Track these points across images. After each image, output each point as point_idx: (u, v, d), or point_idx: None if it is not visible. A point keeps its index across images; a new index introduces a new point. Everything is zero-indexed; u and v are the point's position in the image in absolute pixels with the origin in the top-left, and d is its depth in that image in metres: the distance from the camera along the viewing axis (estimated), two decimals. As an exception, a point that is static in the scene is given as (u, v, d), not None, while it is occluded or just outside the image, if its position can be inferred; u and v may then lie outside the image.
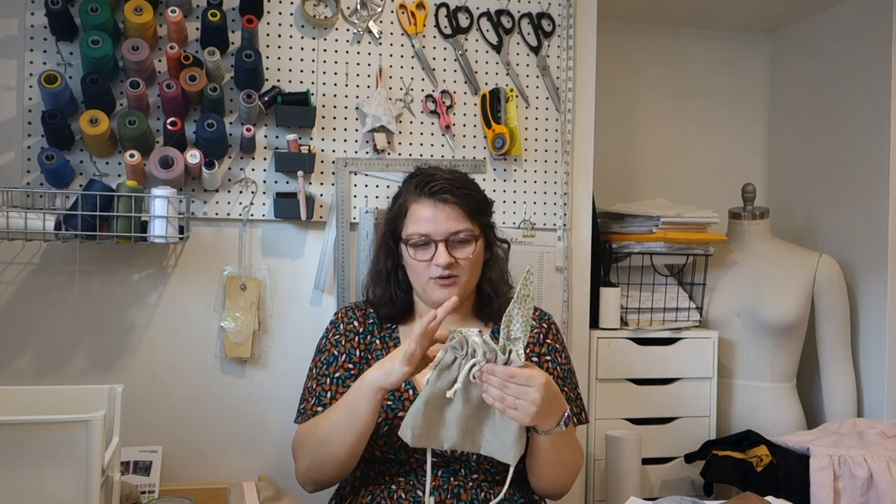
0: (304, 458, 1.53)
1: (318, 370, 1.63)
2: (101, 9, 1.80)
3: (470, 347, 1.32)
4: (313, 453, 1.50)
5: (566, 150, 2.20)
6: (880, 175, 2.40)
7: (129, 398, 1.51)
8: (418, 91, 2.11)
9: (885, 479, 1.94)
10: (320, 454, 1.49)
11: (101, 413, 1.14)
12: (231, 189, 1.99)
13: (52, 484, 1.12)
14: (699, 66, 2.92)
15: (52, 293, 1.91)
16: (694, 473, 2.31)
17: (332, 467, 1.50)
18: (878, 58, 2.43)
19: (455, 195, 1.58)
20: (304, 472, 1.55)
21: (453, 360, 1.33)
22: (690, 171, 2.90)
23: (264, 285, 2.02)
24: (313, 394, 1.60)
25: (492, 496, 1.52)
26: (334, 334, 1.66)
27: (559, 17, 2.20)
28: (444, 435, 1.34)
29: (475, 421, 1.34)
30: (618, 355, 2.29)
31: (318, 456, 1.50)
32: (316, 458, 1.50)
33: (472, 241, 1.60)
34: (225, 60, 1.96)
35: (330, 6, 2.05)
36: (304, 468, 1.55)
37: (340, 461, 1.49)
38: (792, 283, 2.42)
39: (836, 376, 2.44)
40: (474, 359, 1.30)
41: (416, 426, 1.33)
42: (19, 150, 1.88)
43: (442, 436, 1.34)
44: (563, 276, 2.20)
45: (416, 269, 1.60)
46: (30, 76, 1.87)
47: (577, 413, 1.64)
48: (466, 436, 1.34)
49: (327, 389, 1.59)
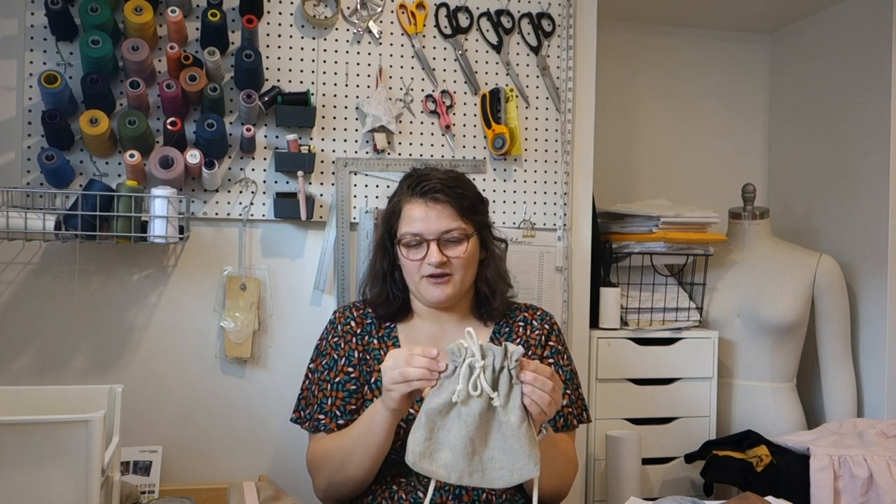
0: (323, 480, 1.56)
1: (319, 374, 1.63)
2: (101, 9, 1.80)
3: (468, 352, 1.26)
4: (332, 477, 1.53)
5: (566, 150, 2.20)
6: (880, 175, 2.40)
7: (129, 398, 1.51)
8: (418, 91, 2.11)
9: (885, 479, 1.94)
10: (339, 478, 1.52)
11: (101, 413, 1.14)
12: (231, 189, 1.99)
13: (52, 484, 1.12)
14: (699, 66, 2.92)
15: (52, 293, 1.91)
16: (694, 473, 2.31)
17: (352, 486, 1.53)
18: (878, 58, 2.43)
19: (446, 194, 1.58)
20: (323, 490, 1.58)
21: (454, 369, 1.27)
22: (690, 171, 2.90)
23: (264, 285, 2.02)
24: (315, 399, 1.61)
25: (493, 497, 1.51)
26: (333, 336, 1.66)
27: (559, 17, 2.20)
28: (448, 460, 1.24)
29: (480, 442, 1.24)
30: (618, 355, 2.29)
31: (338, 479, 1.53)
32: (335, 481, 1.53)
33: (465, 239, 1.59)
34: (225, 60, 1.96)
35: (330, 6, 2.05)
36: (323, 487, 1.57)
37: (359, 481, 1.52)
38: (792, 283, 2.42)
39: (836, 376, 2.44)
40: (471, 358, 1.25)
41: (416, 442, 1.25)
42: (19, 150, 1.88)
43: (445, 461, 1.24)
44: (563, 276, 2.20)
45: (410, 269, 1.60)
46: (30, 76, 1.87)
47: (577, 414, 1.64)
48: (473, 461, 1.24)
49: (328, 395, 1.59)
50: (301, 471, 1.68)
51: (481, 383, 1.24)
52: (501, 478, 1.24)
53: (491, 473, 1.24)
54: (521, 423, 1.24)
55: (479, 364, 1.24)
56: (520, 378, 1.25)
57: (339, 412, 1.57)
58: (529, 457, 1.22)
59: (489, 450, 1.25)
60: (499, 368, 1.25)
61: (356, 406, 1.58)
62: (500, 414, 1.24)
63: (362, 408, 1.57)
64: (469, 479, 1.24)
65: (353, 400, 1.58)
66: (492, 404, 1.24)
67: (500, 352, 1.25)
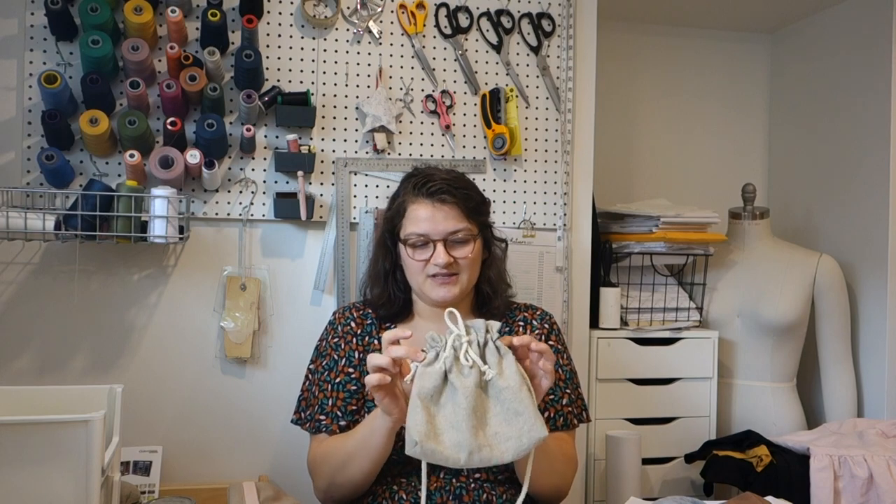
0: (323, 481, 1.56)
1: (319, 375, 1.63)
2: (101, 9, 1.80)
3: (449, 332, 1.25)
4: (332, 478, 1.53)
5: (566, 150, 2.20)
6: (880, 175, 2.40)
7: (129, 398, 1.51)
8: (418, 91, 2.11)
9: (885, 479, 1.94)
10: (339, 479, 1.52)
11: (101, 413, 1.14)
12: (231, 189, 1.99)
13: (52, 484, 1.12)
14: (699, 66, 2.92)
15: (52, 293, 1.91)
16: (694, 473, 2.31)
17: (352, 488, 1.53)
18: (878, 58, 2.43)
19: (454, 195, 1.58)
20: (323, 491, 1.58)
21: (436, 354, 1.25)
22: (690, 171, 2.90)
23: (264, 285, 2.02)
24: (315, 400, 1.61)
25: (493, 497, 1.51)
26: (333, 336, 1.66)
27: (559, 17, 2.20)
28: (455, 439, 1.19)
29: (482, 413, 1.21)
30: (618, 355, 2.29)
31: (338, 481, 1.53)
32: (336, 483, 1.54)
33: (471, 240, 1.60)
34: (225, 60, 1.96)
35: (330, 6, 2.05)
36: (323, 488, 1.58)
37: (358, 484, 1.52)
38: (792, 283, 2.42)
39: (836, 376, 2.44)
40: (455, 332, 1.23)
41: (418, 423, 1.19)
42: (19, 150, 1.88)
43: (451, 440, 1.19)
44: (563, 276, 2.20)
45: (414, 269, 1.60)
46: (30, 76, 1.87)
47: (577, 413, 1.64)
48: (479, 436, 1.19)
49: (329, 396, 1.59)
50: (301, 471, 1.68)
51: (472, 356, 1.23)
52: (511, 449, 1.20)
53: (500, 448, 1.21)
54: (521, 385, 1.22)
55: (464, 339, 1.24)
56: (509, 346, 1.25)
57: (341, 413, 1.57)
58: (536, 417, 1.20)
59: (490, 426, 1.22)
60: (483, 343, 1.25)
61: (357, 406, 1.58)
62: (498, 382, 1.23)
63: (363, 408, 1.57)
64: (479, 454, 1.19)
65: (354, 400, 1.58)
66: (483, 378, 1.23)
67: (481, 325, 1.25)
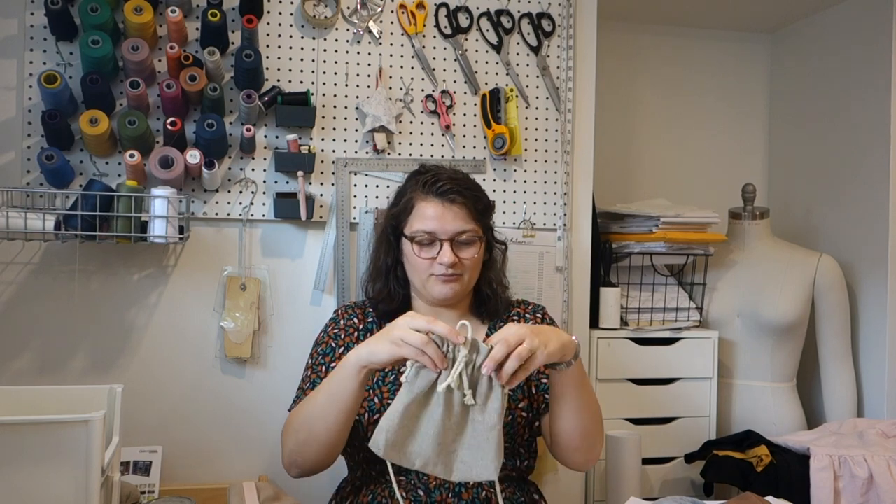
0: (289, 441, 1.51)
1: (315, 360, 1.63)
2: (101, 9, 1.80)
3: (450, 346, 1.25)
4: (297, 434, 1.48)
5: (566, 150, 2.20)
6: (880, 175, 2.40)
7: (129, 398, 1.51)
8: (418, 91, 2.11)
9: (886, 479, 1.94)
10: (303, 436, 1.47)
11: (101, 413, 1.14)
12: (231, 189, 1.99)
13: (52, 484, 1.11)
14: (699, 66, 2.92)
15: (52, 293, 1.91)
16: (694, 473, 2.31)
17: (315, 450, 1.47)
18: (878, 58, 2.43)
19: (463, 195, 1.60)
20: (287, 454, 1.52)
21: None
22: (690, 171, 2.90)
23: (264, 285, 2.02)
24: (308, 381, 1.60)
25: (493, 495, 1.52)
26: (333, 328, 1.67)
27: (559, 17, 2.20)
28: (417, 450, 1.25)
29: (452, 435, 1.25)
30: (618, 355, 2.29)
31: (302, 437, 1.47)
32: (300, 440, 1.48)
33: (477, 241, 1.61)
34: (225, 60, 1.97)
35: (330, 6, 2.05)
36: (287, 451, 1.52)
37: (322, 443, 1.46)
38: (792, 283, 2.42)
39: (836, 376, 2.44)
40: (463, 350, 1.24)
41: (391, 430, 1.24)
42: (19, 150, 1.88)
43: (413, 450, 1.25)
44: (563, 276, 2.20)
45: (418, 266, 1.60)
46: (30, 76, 1.87)
47: None
48: (441, 453, 1.24)
49: (322, 377, 1.57)
50: (301, 471, 1.68)
51: (464, 378, 1.24)
52: (460, 471, 1.25)
53: (452, 466, 1.25)
54: (495, 426, 1.24)
55: (463, 357, 1.24)
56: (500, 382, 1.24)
57: None
58: (495, 459, 1.24)
59: (456, 444, 1.25)
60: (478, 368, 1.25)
61: None
62: (476, 412, 1.25)
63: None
64: (433, 468, 1.25)
65: None
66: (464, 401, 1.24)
67: (485, 351, 1.25)
